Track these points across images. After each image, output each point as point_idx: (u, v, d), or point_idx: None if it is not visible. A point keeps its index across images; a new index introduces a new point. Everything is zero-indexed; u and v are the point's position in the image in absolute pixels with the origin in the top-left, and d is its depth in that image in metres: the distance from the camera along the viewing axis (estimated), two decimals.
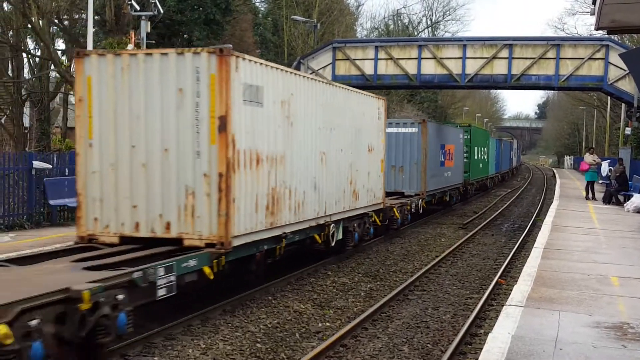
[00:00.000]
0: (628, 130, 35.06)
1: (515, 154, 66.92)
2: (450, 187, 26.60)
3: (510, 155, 58.58)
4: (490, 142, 40.44)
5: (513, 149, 63.12)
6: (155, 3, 25.14)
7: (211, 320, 9.60)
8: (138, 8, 25.36)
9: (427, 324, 9.96)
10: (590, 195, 26.83)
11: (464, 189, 30.46)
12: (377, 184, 16.53)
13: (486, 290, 11.80)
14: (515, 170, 69.48)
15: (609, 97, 45.31)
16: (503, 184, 49.79)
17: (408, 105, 57.68)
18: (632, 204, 22.11)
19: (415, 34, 69.43)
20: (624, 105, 37.63)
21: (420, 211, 21.34)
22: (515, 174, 66.58)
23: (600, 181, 30.72)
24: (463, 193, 30.47)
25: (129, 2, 25.36)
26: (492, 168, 41.85)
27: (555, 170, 70.88)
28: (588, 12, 48.72)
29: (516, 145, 71.43)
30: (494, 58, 29.42)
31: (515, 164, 68.61)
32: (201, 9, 33.56)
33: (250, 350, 8.40)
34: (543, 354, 6.72)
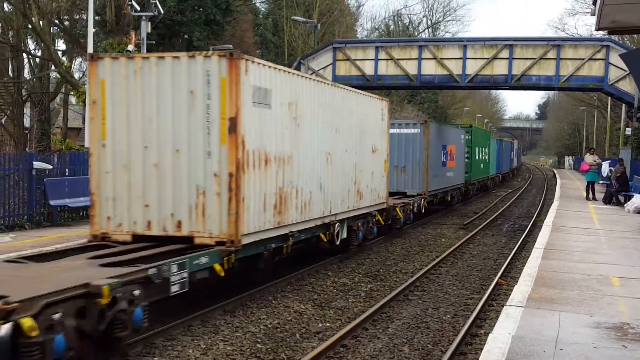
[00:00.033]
0: (628, 131, 35.06)
1: (515, 154, 66.90)
2: (452, 187, 26.67)
3: (510, 155, 58.59)
4: (491, 143, 40.48)
5: (513, 150, 63.11)
6: (155, 3, 25.14)
7: (211, 320, 9.60)
8: (138, 8, 25.36)
9: (428, 324, 9.96)
10: (590, 196, 26.82)
11: (465, 189, 30.51)
12: (381, 184, 16.70)
13: (486, 291, 11.79)
14: (516, 171, 69.46)
15: (610, 98, 45.29)
16: (504, 185, 49.78)
17: (408, 106, 57.72)
18: (633, 205, 22.10)
19: (416, 34, 69.45)
20: (624, 105, 37.63)
21: (423, 211, 21.44)
22: (515, 175, 66.55)
23: (601, 181, 30.71)
24: (464, 193, 30.53)
25: (130, 3, 25.35)
26: (493, 168, 41.91)
27: (555, 171, 70.85)
28: (588, 13, 48.73)
29: (517, 146, 71.41)
30: (495, 58, 29.43)
31: (515, 165, 68.59)
32: (201, 9, 33.56)
33: (251, 350, 8.40)
34: (543, 354, 6.71)
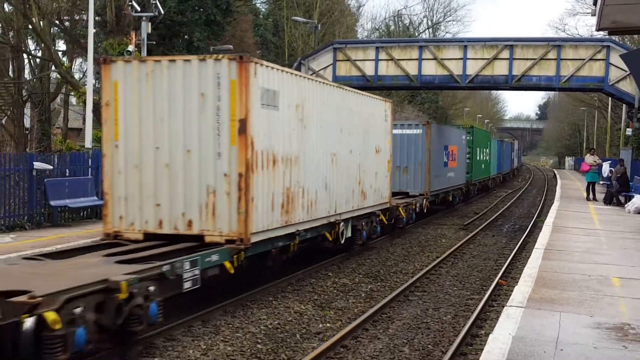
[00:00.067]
0: (629, 131, 35.04)
1: (516, 154, 66.91)
2: (453, 188, 26.81)
3: (511, 156, 58.62)
4: (492, 143, 40.56)
5: (514, 150, 63.13)
6: (156, 4, 25.15)
7: (212, 321, 9.60)
8: (139, 9, 25.37)
9: (428, 324, 9.95)
10: (591, 196, 26.80)
11: (467, 189, 30.68)
12: (384, 184, 16.92)
13: (487, 291, 11.79)
14: (517, 171, 69.45)
15: (610, 98, 45.29)
16: (504, 185, 49.77)
17: (409, 106, 57.75)
18: (633, 205, 22.09)
19: (416, 34, 69.49)
20: (624, 106, 37.62)
21: (425, 211, 21.64)
22: (516, 175, 66.53)
23: (601, 182, 30.70)
24: (465, 193, 30.69)
25: (130, 3, 25.36)
26: (494, 169, 42.01)
27: (556, 171, 70.81)
28: (589, 13, 48.75)
29: (517, 146, 71.42)
30: (495, 59, 29.41)
31: (516, 165, 68.60)
32: (202, 9, 33.56)
33: (251, 351, 8.39)
34: (544, 354, 6.71)
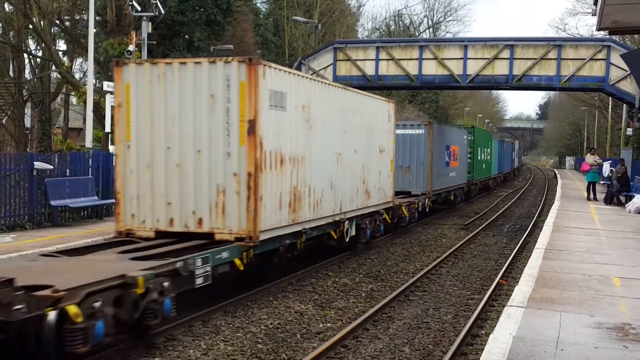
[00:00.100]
0: (629, 131, 35.03)
1: (516, 154, 66.92)
2: (455, 187, 27.00)
3: (512, 156, 58.65)
4: (493, 143, 40.65)
5: (515, 150, 63.15)
6: (156, 4, 25.17)
7: (212, 320, 9.60)
8: (139, 9, 25.39)
9: (428, 324, 9.94)
10: (591, 196, 26.80)
11: (468, 189, 30.88)
12: (387, 183, 17.20)
13: (487, 291, 11.77)
14: (517, 171, 69.45)
15: (611, 98, 45.28)
16: (505, 185, 49.77)
17: (409, 106, 57.76)
18: (634, 205, 22.08)
19: (417, 34, 69.51)
20: (625, 105, 37.64)
21: (427, 210, 21.82)
22: (516, 175, 66.52)
23: (602, 182, 30.69)
24: (467, 193, 30.90)
25: (130, 3, 25.37)
26: (495, 168, 42.10)
27: (556, 171, 70.79)
28: (589, 13, 48.72)
29: (518, 146, 71.42)
30: (495, 59, 29.41)
31: (516, 165, 68.62)
32: (202, 9, 33.58)
33: (251, 350, 8.39)
34: (544, 354, 6.70)
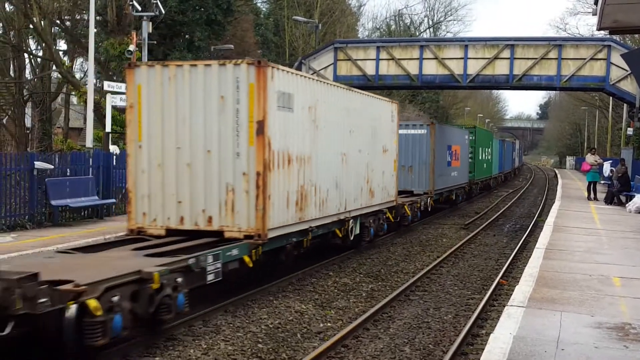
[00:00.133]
0: (630, 131, 35.02)
1: (517, 154, 66.97)
2: (457, 187, 27.19)
3: (512, 155, 58.72)
4: (494, 143, 40.76)
5: (515, 150, 63.20)
6: (156, 3, 25.17)
7: (212, 320, 9.60)
8: (140, 8, 25.38)
9: (429, 324, 9.94)
10: (592, 196, 26.78)
11: (469, 189, 31.12)
12: (391, 182, 17.44)
13: (488, 291, 11.78)
14: (518, 171, 69.48)
15: (611, 98, 45.27)
16: (505, 184, 49.78)
17: (410, 106, 57.72)
18: (634, 205, 22.06)
19: (417, 34, 69.48)
20: (625, 105, 37.63)
21: (429, 209, 22.03)
22: (517, 174, 66.53)
23: (602, 182, 30.67)
24: (468, 192, 31.13)
25: (131, 3, 25.37)
26: (496, 168, 42.27)
27: (557, 171, 70.75)
28: (590, 13, 48.71)
29: (518, 146, 71.45)
30: (496, 58, 29.40)
31: (517, 165, 68.66)
32: (202, 9, 33.58)
33: (252, 350, 8.39)
34: (545, 354, 6.70)
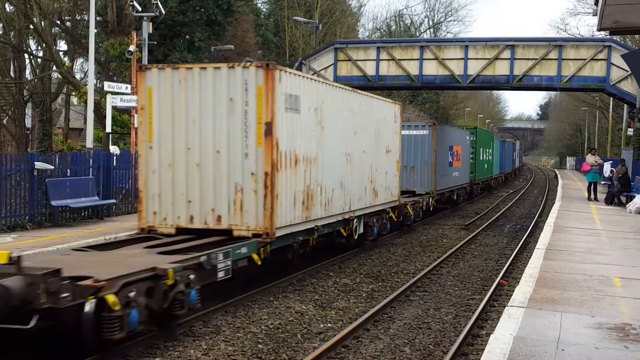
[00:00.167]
0: (630, 131, 35.04)
1: (517, 154, 67.00)
2: (458, 187, 27.40)
3: (513, 156, 58.79)
4: (495, 144, 40.88)
5: (515, 150, 63.24)
6: (157, 4, 25.17)
7: (213, 321, 9.60)
8: (140, 9, 25.38)
9: (429, 324, 9.94)
10: (592, 196, 26.78)
11: (470, 189, 31.29)
12: (394, 182, 17.70)
13: (488, 291, 11.77)
14: (518, 171, 69.50)
15: (611, 98, 45.26)
16: (506, 185, 49.79)
17: (410, 106, 57.71)
18: (635, 205, 22.05)
19: (417, 34, 69.52)
20: (626, 106, 37.62)
21: (431, 209, 22.26)
22: (517, 175, 66.53)
23: (602, 182, 30.66)
24: (469, 192, 31.33)
25: (131, 3, 25.37)
26: (496, 169, 42.47)
27: (557, 171, 70.73)
28: (590, 13, 48.70)
29: (518, 146, 71.46)
30: (496, 59, 29.41)
31: (517, 165, 68.69)
32: (203, 9, 33.60)
33: (252, 351, 8.39)
34: (545, 355, 6.69)
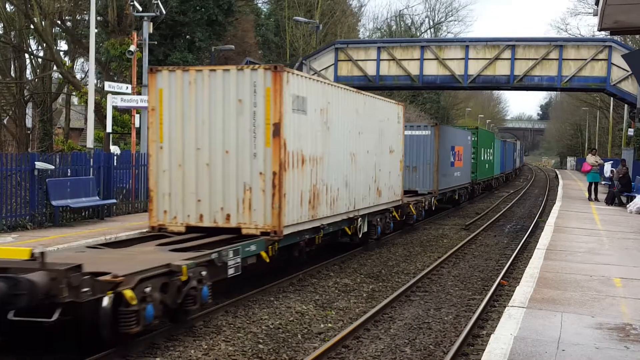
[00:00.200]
0: (631, 132, 35.03)
1: (518, 155, 67.04)
2: (459, 187, 27.57)
3: (513, 156, 58.83)
4: (495, 144, 40.97)
5: (516, 150, 63.27)
6: (157, 4, 25.16)
7: (213, 321, 9.61)
8: (140, 9, 25.37)
9: (429, 325, 9.94)
10: (592, 197, 26.77)
11: (471, 189, 31.47)
12: (397, 182, 17.94)
13: (488, 292, 11.77)
14: (519, 171, 69.52)
15: (612, 98, 45.25)
16: (507, 185, 49.79)
17: (411, 106, 57.68)
18: (635, 205, 22.04)
19: (418, 34, 69.52)
20: (626, 106, 37.61)
21: (433, 208, 22.49)
22: (518, 175, 66.54)
23: (603, 182, 30.65)
24: (471, 192, 31.52)
25: (131, 3, 25.36)
26: (497, 169, 42.61)
27: (557, 171, 70.72)
28: (591, 13, 48.70)
29: (519, 147, 71.48)
30: (497, 59, 29.40)
31: (518, 165, 68.74)
32: (203, 9, 33.61)
33: (252, 351, 8.39)
34: (545, 355, 6.69)
